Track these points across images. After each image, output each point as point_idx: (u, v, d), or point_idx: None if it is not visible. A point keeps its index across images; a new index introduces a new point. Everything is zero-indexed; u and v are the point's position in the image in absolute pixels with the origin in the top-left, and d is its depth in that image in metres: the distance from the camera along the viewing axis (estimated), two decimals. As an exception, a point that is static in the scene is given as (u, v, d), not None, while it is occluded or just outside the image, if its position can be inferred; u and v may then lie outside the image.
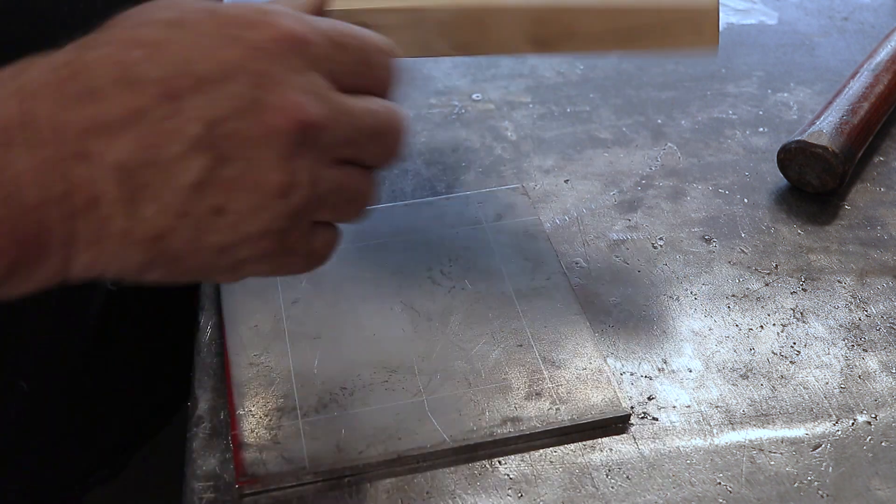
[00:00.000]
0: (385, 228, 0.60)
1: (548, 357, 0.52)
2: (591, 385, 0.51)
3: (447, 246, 0.59)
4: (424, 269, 0.57)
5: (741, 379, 0.53)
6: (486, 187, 0.65)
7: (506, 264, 0.58)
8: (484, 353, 0.52)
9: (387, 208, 0.61)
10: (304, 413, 0.49)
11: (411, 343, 0.53)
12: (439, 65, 0.77)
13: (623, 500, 0.47)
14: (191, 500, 0.47)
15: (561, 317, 0.55)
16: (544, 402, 0.50)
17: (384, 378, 0.51)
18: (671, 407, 0.51)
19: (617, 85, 0.75)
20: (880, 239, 0.61)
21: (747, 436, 0.50)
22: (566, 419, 0.49)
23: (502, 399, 0.50)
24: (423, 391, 0.50)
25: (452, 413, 0.49)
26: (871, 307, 0.57)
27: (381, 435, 0.48)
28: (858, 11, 0.84)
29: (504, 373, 0.51)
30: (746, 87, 0.75)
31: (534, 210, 0.62)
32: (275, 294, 0.55)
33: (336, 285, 0.56)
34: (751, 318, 0.56)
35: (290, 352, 0.52)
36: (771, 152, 0.67)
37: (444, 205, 0.62)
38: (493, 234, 0.60)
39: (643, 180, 0.66)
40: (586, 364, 0.52)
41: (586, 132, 0.70)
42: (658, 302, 0.57)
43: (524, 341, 0.53)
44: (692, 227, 0.62)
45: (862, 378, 0.53)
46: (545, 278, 0.57)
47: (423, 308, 0.55)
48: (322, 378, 0.51)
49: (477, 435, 0.48)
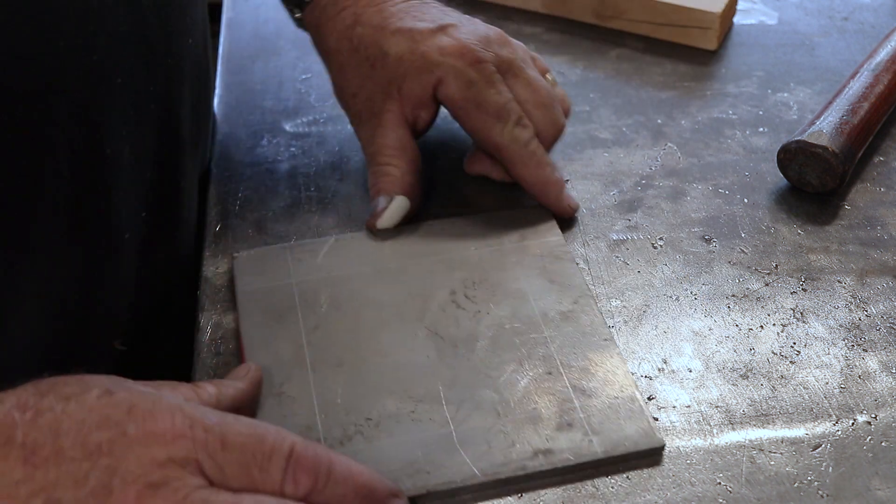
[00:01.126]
0: (405, 250, 0.58)
1: (578, 385, 0.51)
2: (624, 415, 0.49)
3: (470, 268, 0.57)
4: (447, 293, 0.56)
5: (741, 379, 0.53)
6: (486, 187, 0.65)
7: (531, 287, 0.56)
8: (512, 381, 0.51)
9: (406, 228, 0.60)
10: (329, 445, 0.47)
11: (436, 371, 0.51)
12: (439, 65, 0.77)
13: (623, 500, 0.47)
14: (191, 500, 0.47)
15: (590, 342, 0.53)
16: (576, 433, 0.48)
17: (410, 408, 0.49)
18: (671, 407, 0.51)
19: (617, 85, 0.75)
20: (880, 239, 0.61)
21: (747, 436, 0.50)
22: (599, 451, 0.47)
23: (533, 430, 0.48)
24: (451, 422, 0.49)
25: (482, 445, 0.48)
26: (871, 307, 0.57)
27: (408, 469, 0.46)
28: (858, 11, 0.84)
29: (533, 402, 0.50)
30: (746, 87, 0.75)
31: (558, 230, 0.60)
32: (295, 320, 0.54)
33: (356, 310, 0.54)
34: (751, 318, 0.56)
35: (312, 381, 0.50)
36: (771, 152, 0.67)
37: (465, 225, 0.60)
38: (517, 255, 0.58)
39: (643, 180, 0.66)
40: (618, 392, 0.50)
41: (586, 132, 0.70)
42: (658, 302, 0.57)
43: (553, 368, 0.51)
44: (692, 227, 0.62)
45: (862, 378, 0.53)
46: (572, 301, 0.55)
47: (447, 333, 0.53)
48: (346, 408, 0.49)
49: (508, 469, 0.47)
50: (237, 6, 0.86)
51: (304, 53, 0.78)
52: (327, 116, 0.72)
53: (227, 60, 0.79)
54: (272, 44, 0.80)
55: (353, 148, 0.68)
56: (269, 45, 0.80)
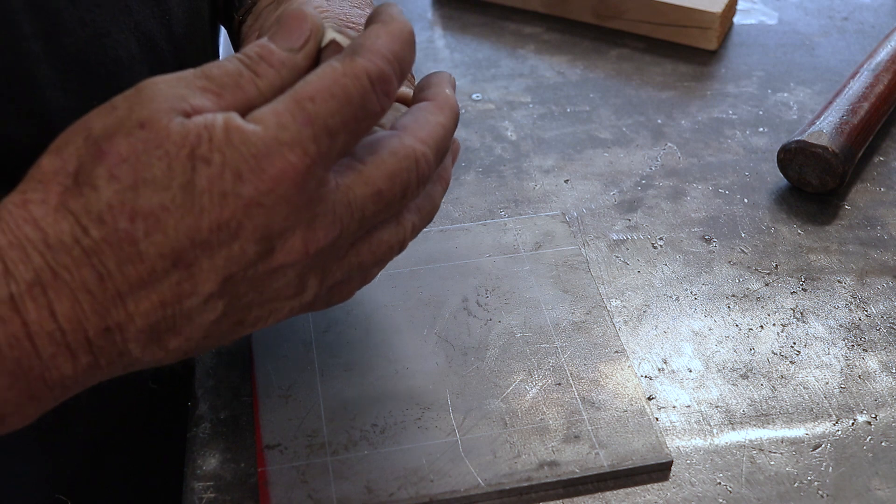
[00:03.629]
0: (418, 255, 0.58)
1: (587, 397, 0.50)
2: (633, 428, 0.49)
3: (483, 275, 0.57)
4: (460, 300, 0.55)
5: (741, 379, 0.53)
6: (486, 187, 0.65)
7: (544, 296, 0.56)
8: (521, 391, 0.50)
9: (420, 234, 0.59)
10: (334, 450, 0.47)
11: (445, 378, 0.51)
12: (439, 65, 0.77)
13: (623, 499, 0.47)
14: (191, 500, 0.47)
15: (601, 354, 0.52)
16: (583, 446, 0.48)
17: (417, 415, 0.49)
18: (671, 407, 0.51)
19: (617, 85, 0.75)
20: (880, 239, 0.61)
21: (747, 436, 0.50)
22: (605, 465, 0.47)
23: (539, 441, 0.48)
24: (457, 430, 0.48)
25: (487, 455, 0.47)
26: (871, 307, 0.57)
27: (412, 476, 0.46)
28: (858, 11, 0.84)
29: (541, 413, 0.49)
30: (746, 87, 0.75)
31: (574, 239, 0.60)
32: (305, 322, 0.53)
33: (368, 314, 0.54)
34: (751, 318, 0.56)
35: (319, 384, 0.50)
36: (771, 152, 0.67)
37: (479, 231, 0.60)
38: (532, 263, 0.58)
39: (643, 180, 0.66)
40: (627, 406, 0.50)
41: (586, 132, 0.70)
42: (658, 302, 0.57)
43: (563, 380, 0.51)
44: (692, 227, 0.62)
45: (862, 378, 0.53)
46: (585, 312, 0.55)
47: (458, 341, 0.53)
48: (352, 413, 0.49)
49: (512, 479, 0.46)
50: (237, 6, 0.86)
51: (304, 53, 0.78)
52: (327, 116, 0.72)
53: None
54: (272, 44, 0.80)
55: (353, 148, 0.68)
56: (269, 45, 0.80)
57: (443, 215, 0.62)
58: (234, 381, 0.52)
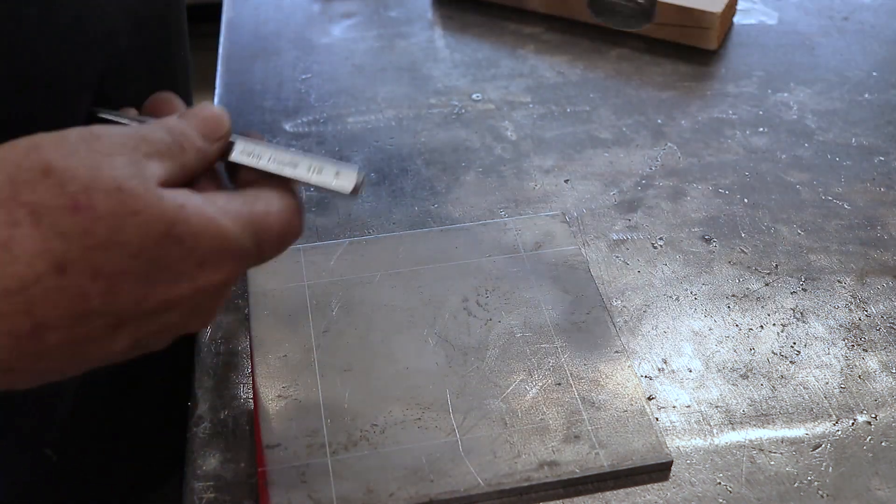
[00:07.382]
0: (419, 255, 0.58)
1: (587, 397, 0.50)
2: (633, 428, 0.49)
3: (483, 275, 0.57)
4: (460, 300, 0.55)
5: (741, 379, 0.53)
6: (486, 187, 0.65)
7: (544, 296, 0.56)
8: (521, 391, 0.50)
9: (421, 233, 0.60)
10: (334, 451, 0.47)
11: (445, 378, 0.51)
12: (439, 65, 0.77)
13: (623, 499, 0.47)
14: (191, 500, 0.47)
15: (601, 354, 0.52)
16: (583, 446, 0.48)
17: (417, 415, 0.49)
18: (671, 407, 0.51)
19: (617, 85, 0.75)
20: (880, 239, 0.61)
21: (747, 436, 0.50)
22: (605, 465, 0.47)
23: (539, 441, 0.48)
24: (457, 430, 0.48)
25: (487, 455, 0.47)
26: (871, 307, 0.57)
27: (412, 476, 0.46)
28: (858, 11, 0.84)
29: (541, 413, 0.49)
30: (746, 87, 0.75)
31: (574, 239, 0.60)
32: (305, 322, 0.53)
33: (368, 314, 0.54)
34: (751, 318, 0.56)
35: (319, 384, 0.50)
36: (771, 152, 0.67)
37: (480, 231, 0.60)
38: (532, 263, 0.58)
39: (643, 180, 0.66)
40: (627, 406, 0.50)
41: (586, 132, 0.70)
42: (658, 302, 0.57)
43: (563, 380, 0.51)
44: (692, 227, 0.62)
45: (862, 378, 0.53)
46: (585, 312, 0.55)
47: (458, 341, 0.53)
48: (352, 413, 0.49)
49: (512, 479, 0.46)
50: (237, 6, 0.86)
51: (304, 53, 0.78)
52: (327, 116, 0.72)
53: (227, 60, 0.78)
54: (272, 44, 0.80)
55: (353, 148, 0.68)
56: (269, 45, 0.80)
57: (443, 215, 0.62)
58: (234, 380, 0.52)
